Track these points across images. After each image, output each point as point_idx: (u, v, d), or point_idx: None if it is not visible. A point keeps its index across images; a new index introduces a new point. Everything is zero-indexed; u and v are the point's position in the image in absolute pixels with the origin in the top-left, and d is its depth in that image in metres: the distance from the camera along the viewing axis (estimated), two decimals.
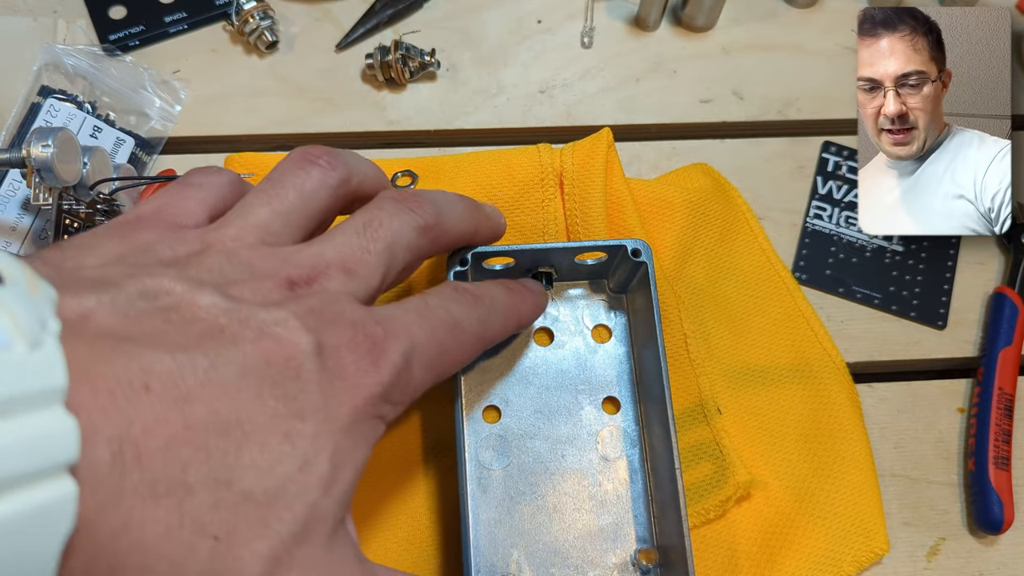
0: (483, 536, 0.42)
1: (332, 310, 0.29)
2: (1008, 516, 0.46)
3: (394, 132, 0.56)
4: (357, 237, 0.33)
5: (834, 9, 0.62)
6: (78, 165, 0.45)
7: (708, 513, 0.44)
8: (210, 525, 0.25)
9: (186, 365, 0.25)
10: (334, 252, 0.32)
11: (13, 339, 0.21)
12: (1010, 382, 0.49)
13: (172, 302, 0.27)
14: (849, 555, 0.44)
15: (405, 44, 0.56)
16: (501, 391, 0.45)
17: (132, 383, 0.24)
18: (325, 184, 0.34)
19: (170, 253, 0.30)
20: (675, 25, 0.61)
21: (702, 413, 0.46)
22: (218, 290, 0.28)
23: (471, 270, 0.45)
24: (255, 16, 0.56)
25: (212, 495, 0.25)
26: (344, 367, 0.29)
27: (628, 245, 0.44)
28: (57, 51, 0.53)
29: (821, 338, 0.50)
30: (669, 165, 0.56)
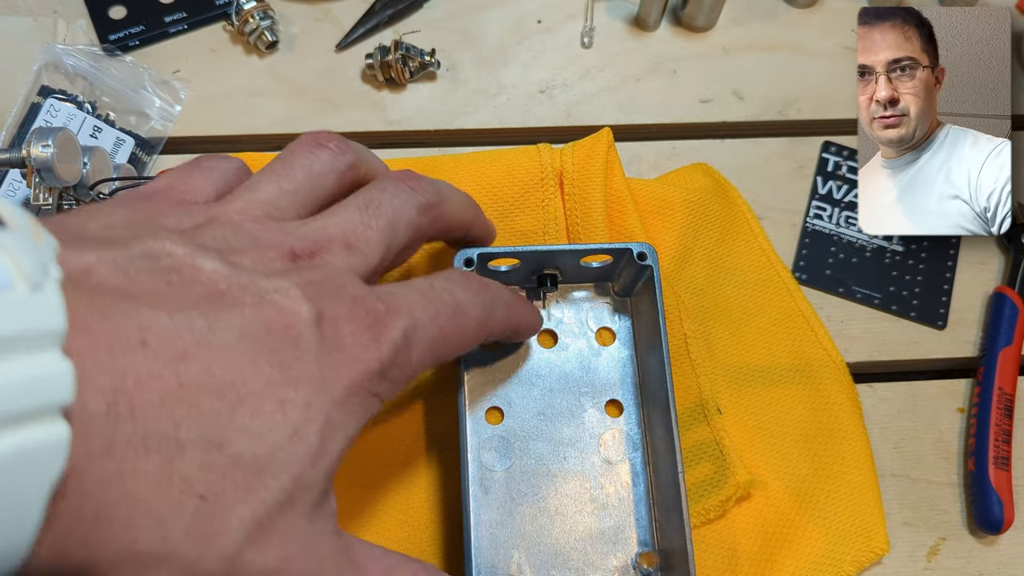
0: (484, 537, 0.42)
1: (334, 283, 0.29)
2: (1008, 516, 0.46)
3: (394, 132, 0.56)
4: (360, 213, 0.33)
5: (834, 9, 0.62)
6: (78, 165, 0.44)
7: (708, 513, 0.44)
8: (198, 484, 0.25)
9: (183, 325, 0.25)
10: (337, 227, 0.32)
11: (15, 280, 0.21)
12: (1010, 382, 0.49)
13: (174, 264, 0.27)
14: (849, 555, 0.44)
15: (405, 44, 0.56)
16: (504, 392, 0.45)
17: (129, 338, 0.24)
18: (334, 167, 0.34)
19: (175, 223, 0.30)
20: (675, 25, 0.61)
21: (702, 413, 0.46)
22: (221, 256, 0.28)
23: (477, 271, 0.45)
24: (255, 16, 0.56)
25: (202, 455, 0.25)
26: (343, 339, 0.29)
27: (634, 248, 0.44)
28: (57, 51, 0.53)
29: (821, 338, 0.50)
30: (669, 165, 0.56)
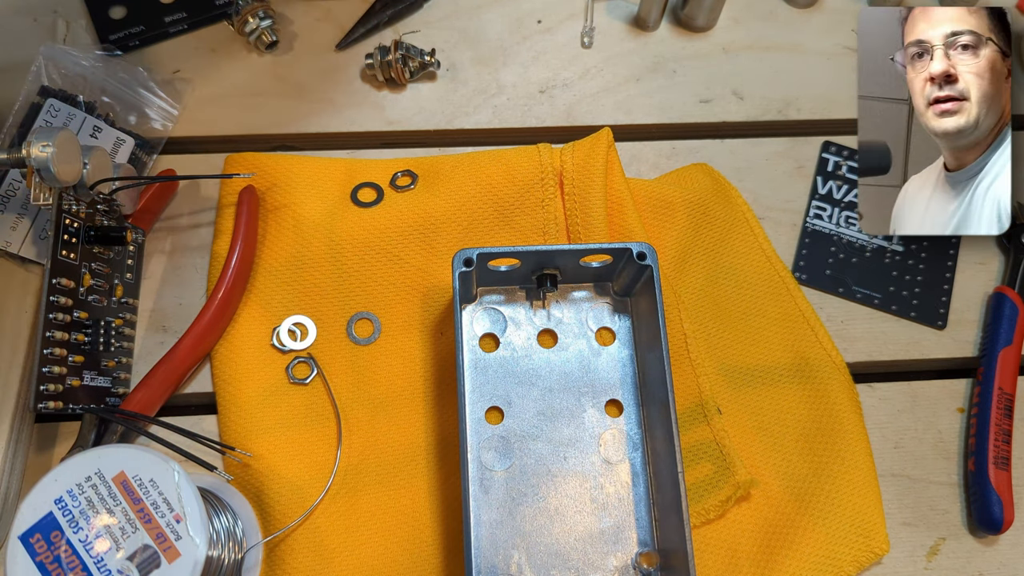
0: (484, 537, 0.42)
1: None
2: (1008, 516, 0.46)
3: (394, 132, 0.56)
4: None
5: (834, 9, 0.62)
6: (78, 165, 0.44)
7: (708, 513, 0.44)
8: None
9: None
10: None
11: None
12: (1010, 382, 0.49)
13: None
14: (849, 555, 0.44)
15: (405, 44, 0.56)
16: (504, 392, 0.45)
17: None
18: None
19: None
20: (675, 25, 0.61)
21: (702, 413, 0.46)
22: None
23: (476, 270, 0.45)
24: (255, 16, 0.56)
25: None
26: None
27: (633, 248, 0.44)
28: (57, 51, 0.52)
29: (821, 338, 0.50)
30: (669, 165, 0.56)
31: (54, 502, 0.37)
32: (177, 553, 0.36)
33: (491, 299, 0.47)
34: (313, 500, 0.44)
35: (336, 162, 0.53)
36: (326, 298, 0.49)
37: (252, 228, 0.49)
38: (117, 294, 0.48)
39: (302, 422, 0.46)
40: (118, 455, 0.38)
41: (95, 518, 0.36)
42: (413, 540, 0.44)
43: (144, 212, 0.50)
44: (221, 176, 0.53)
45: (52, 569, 0.36)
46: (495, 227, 0.50)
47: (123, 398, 0.46)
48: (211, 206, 0.53)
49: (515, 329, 0.47)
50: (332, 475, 0.45)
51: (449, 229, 0.50)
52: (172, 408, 0.48)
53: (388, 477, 0.45)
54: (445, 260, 0.49)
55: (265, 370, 0.48)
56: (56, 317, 0.42)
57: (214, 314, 0.47)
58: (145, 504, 0.37)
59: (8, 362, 0.46)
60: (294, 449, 0.46)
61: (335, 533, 0.44)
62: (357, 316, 0.49)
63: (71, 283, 0.44)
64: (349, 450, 0.46)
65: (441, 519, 0.44)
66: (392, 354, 0.48)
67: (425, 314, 0.49)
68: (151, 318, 0.50)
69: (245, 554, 0.43)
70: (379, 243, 0.50)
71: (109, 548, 0.36)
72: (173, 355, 0.46)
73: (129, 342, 0.49)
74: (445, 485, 0.45)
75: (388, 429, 0.46)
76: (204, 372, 0.48)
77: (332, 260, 0.49)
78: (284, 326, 0.48)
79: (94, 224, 0.46)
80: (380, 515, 0.45)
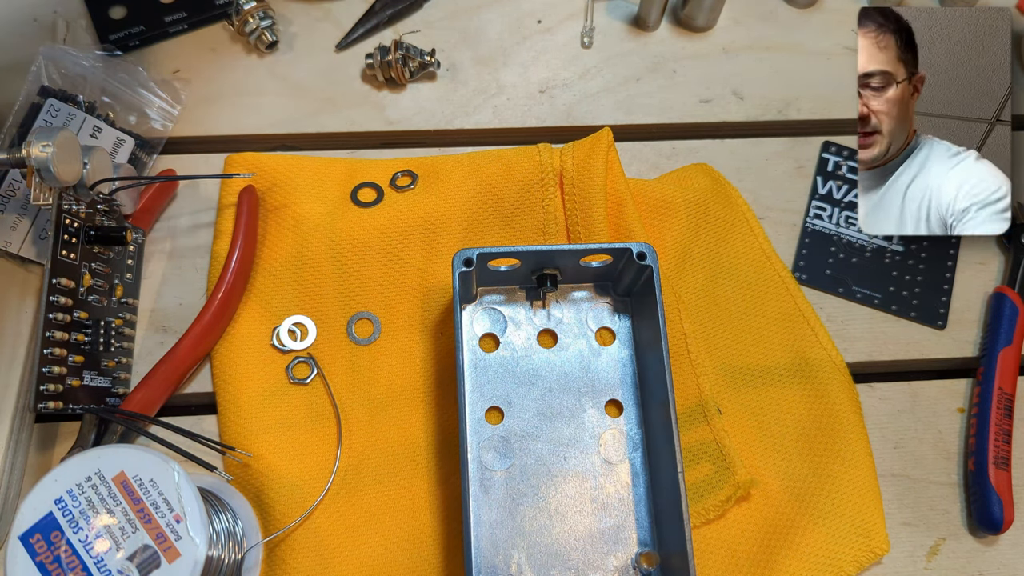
0: (484, 537, 0.42)
1: None
2: (1008, 516, 0.46)
3: (394, 132, 0.56)
4: None
5: (834, 9, 0.62)
6: (78, 165, 0.44)
7: (708, 513, 0.44)
8: None
9: None
10: None
11: None
12: (1010, 382, 0.49)
13: None
14: (849, 555, 0.44)
15: (405, 44, 0.56)
16: (504, 392, 0.45)
17: None
18: None
19: None
20: (675, 25, 0.61)
21: (702, 413, 0.46)
22: None
23: (476, 270, 0.45)
24: (255, 16, 0.56)
25: None
26: None
27: (633, 248, 0.44)
28: (57, 51, 0.52)
29: (821, 338, 0.50)
30: (669, 165, 0.56)
31: (54, 502, 0.37)
32: (177, 553, 0.36)
33: (491, 299, 0.47)
34: (313, 500, 0.44)
35: (336, 162, 0.53)
36: (326, 298, 0.49)
37: (252, 228, 0.49)
38: (117, 294, 0.48)
39: (302, 422, 0.46)
40: (118, 455, 0.38)
41: (95, 518, 0.36)
42: (413, 540, 0.44)
43: (144, 212, 0.50)
44: (221, 176, 0.53)
45: (52, 569, 0.36)
46: (495, 227, 0.50)
47: (123, 398, 0.46)
48: (211, 206, 0.53)
49: (515, 329, 0.47)
50: (332, 475, 0.45)
51: (449, 229, 0.50)
52: (172, 408, 0.48)
53: (388, 477, 0.45)
54: (445, 260, 0.49)
55: (265, 370, 0.48)
56: (56, 317, 0.42)
57: (214, 314, 0.47)
58: (145, 504, 0.37)
59: (8, 362, 0.46)
60: (294, 449, 0.46)
61: (335, 533, 0.44)
62: (357, 316, 0.49)
63: (71, 283, 0.44)
64: (349, 450, 0.46)
65: (441, 519, 0.44)
66: (392, 354, 0.48)
67: (425, 314, 0.49)
68: (151, 318, 0.50)
69: (245, 554, 0.43)
70: (379, 243, 0.50)
71: (109, 548, 0.36)
72: (173, 355, 0.46)
73: (129, 342, 0.49)
74: (445, 485, 0.45)
75: (388, 429, 0.46)
76: (204, 372, 0.48)
77: (332, 260, 0.49)
78: (284, 326, 0.48)
79: (94, 224, 0.46)
80: (380, 515, 0.45)
